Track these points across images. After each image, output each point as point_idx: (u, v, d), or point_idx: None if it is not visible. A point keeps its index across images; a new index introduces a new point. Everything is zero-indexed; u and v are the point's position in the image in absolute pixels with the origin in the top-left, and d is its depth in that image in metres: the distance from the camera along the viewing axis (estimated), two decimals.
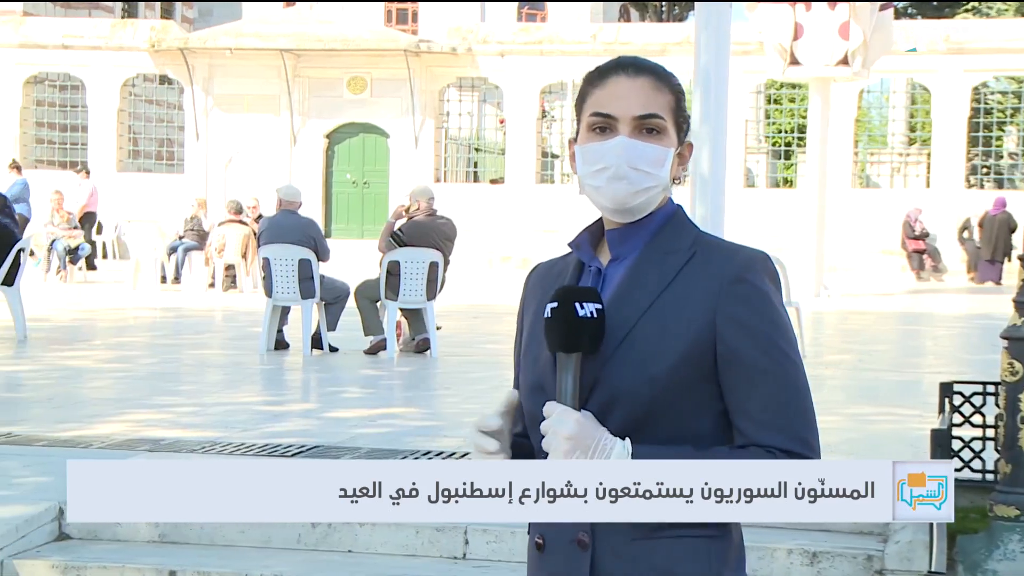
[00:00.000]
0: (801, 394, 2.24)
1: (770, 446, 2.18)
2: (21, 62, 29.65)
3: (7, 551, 5.88)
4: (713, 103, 11.79)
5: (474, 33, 28.88)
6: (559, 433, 2.16)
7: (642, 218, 2.32)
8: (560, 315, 2.20)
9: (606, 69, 2.34)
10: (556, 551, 2.27)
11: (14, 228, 13.24)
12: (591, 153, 2.31)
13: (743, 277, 2.24)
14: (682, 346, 2.21)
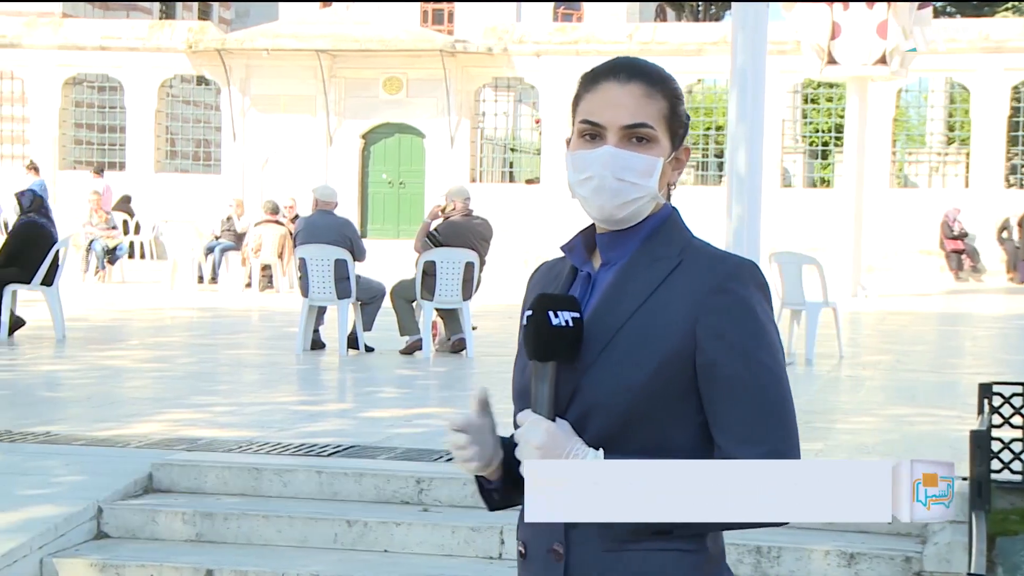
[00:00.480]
0: (781, 408, 2.18)
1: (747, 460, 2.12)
2: (60, 63, 29.85)
3: (46, 549, 5.92)
4: (750, 103, 11.74)
5: (510, 33, 28.88)
6: (529, 442, 2.14)
7: (635, 224, 2.28)
8: (534, 323, 2.17)
9: (599, 73, 2.29)
10: (536, 559, 2.25)
11: (52, 229, 13.33)
12: (579, 161, 2.27)
13: (725, 287, 2.18)
14: (660, 356, 2.16)
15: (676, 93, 2.30)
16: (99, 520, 6.34)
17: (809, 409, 9.42)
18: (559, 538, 2.21)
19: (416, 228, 15.57)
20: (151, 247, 26.52)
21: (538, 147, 30.10)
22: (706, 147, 29.80)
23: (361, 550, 6.18)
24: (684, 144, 2.33)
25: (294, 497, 6.63)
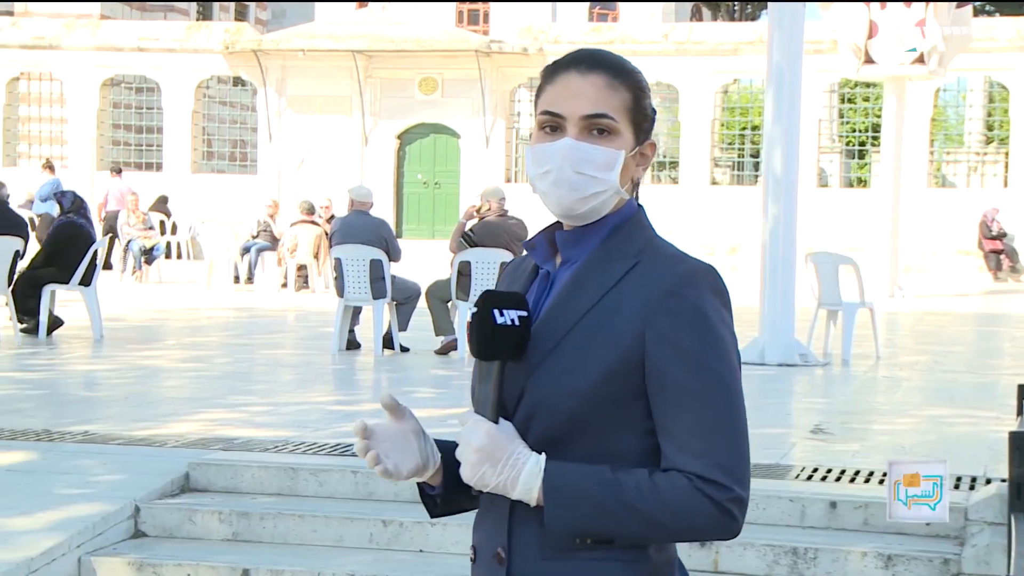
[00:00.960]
0: (729, 419, 2.09)
1: (689, 472, 2.06)
2: (98, 65, 30.03)
3: (84, 548, 5.95)
4: (786, 102, 11.70)
5: (545, 33, 28.87)
6: (468, 444, 2.10)
7: (595, 221, 2.21)
8: (479, 321, 2.10)
9: (560, 64, 2.21)
10: (483, 563, 2.21)
11: (90, 229, 13.41)
12: (538, 154, 2.20)
13: (678, 291, 2.10)
14: (608, 360, 2.09)
15: (640, 85, 2.22)
16: (136, 519, 6.37)
17: (846, 410, 9.37)
18: (502, 542, 2.16)
19: (451, 228, 15.58)
20: (188, 247, 26.64)
21: None
22: (742, 147, 29.70)
23: (396, 550, 6.19)
24: (649, 139, 2.25)
25: (330, 497, 6.64)
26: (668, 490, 2.06)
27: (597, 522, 2.07)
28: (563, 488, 2.07)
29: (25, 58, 30.20)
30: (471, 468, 2.09)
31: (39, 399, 9.32)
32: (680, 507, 2.06)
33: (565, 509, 2.07)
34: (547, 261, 2.25)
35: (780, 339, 11.62)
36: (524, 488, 2.08)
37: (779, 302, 11.68)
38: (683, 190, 27.99)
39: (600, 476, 2.07)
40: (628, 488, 2.06)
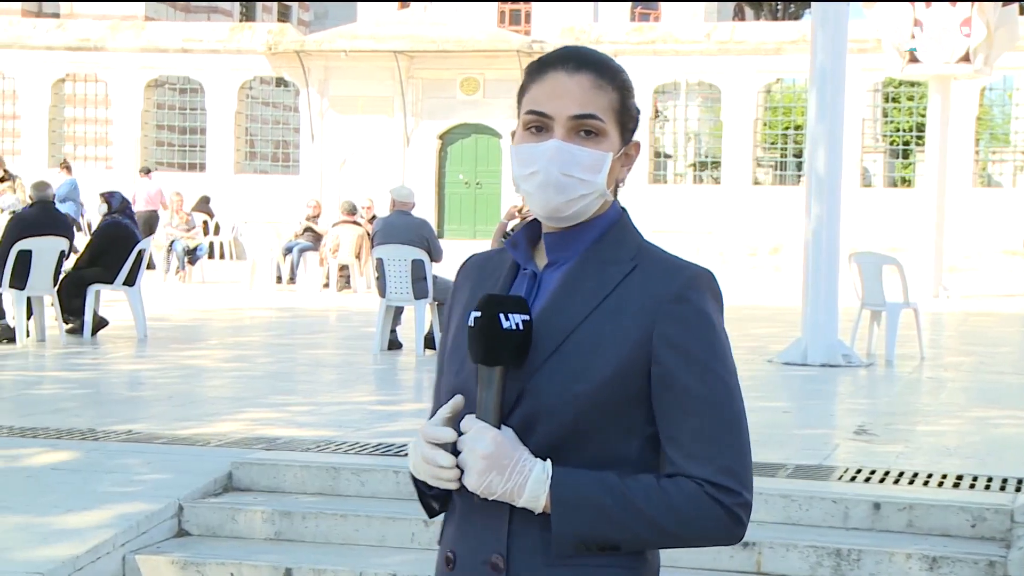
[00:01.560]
0: (735, 424, 2.10)
1: (699, 478, 2.06)
2: (143, 66, 30.23)
3: (128, 547, 5.99)
4: (829, 102, 11.64)
5: (587, 33, 28.84)
6: (475, 451, 2.05)
7: (582, 222, 2.17)
8: (483, 325, 2.05)
9: (546, 62, 2.17)
10: (467, 569, 2.15)
11: (135, 229, 13.50)
12: (524, 155, 2.15)
13: (685, 296, 2.09)
14: (613, 364, 2.07)
15: (627, 85, 2.18)
16: (180, 518, 6.40)
17: (890, 411, 9.31)
18: (499, 549, 2.11)
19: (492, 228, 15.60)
20: (230, 247, 26.78)
21: None
22: (785, 147, 29.57)
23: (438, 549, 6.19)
24: (634, 139, 2.22)
25: (372, 496, 6.65)
26: (678, 496, 2.05)
27: (605, 529, 2.06)
28: (571, 495, 2.05)
29: (71, 60, 30.45)
30: (478, 476, 2.05)
31: (84, 398, 9.39)
32: (690, 513, 2.06)
33: (573, 516, 2.05)
34: (528, 261, 2.21)
35: (823, 340, 11.56)
36: (531, 496, 2.05)
37: (822, 302, 11.62)
38: (725, 190, 27.90)
39: (608, 483, 2.05)
40: (637, 494, 2.05)
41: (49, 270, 12.41)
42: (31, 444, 7.50)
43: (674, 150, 31.07)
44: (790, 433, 8.18)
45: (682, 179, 30.73)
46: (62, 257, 12.60)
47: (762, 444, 7.66)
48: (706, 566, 5.95)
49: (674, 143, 31.02)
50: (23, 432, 7.81)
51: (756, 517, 6.21)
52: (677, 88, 29.11)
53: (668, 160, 30.78)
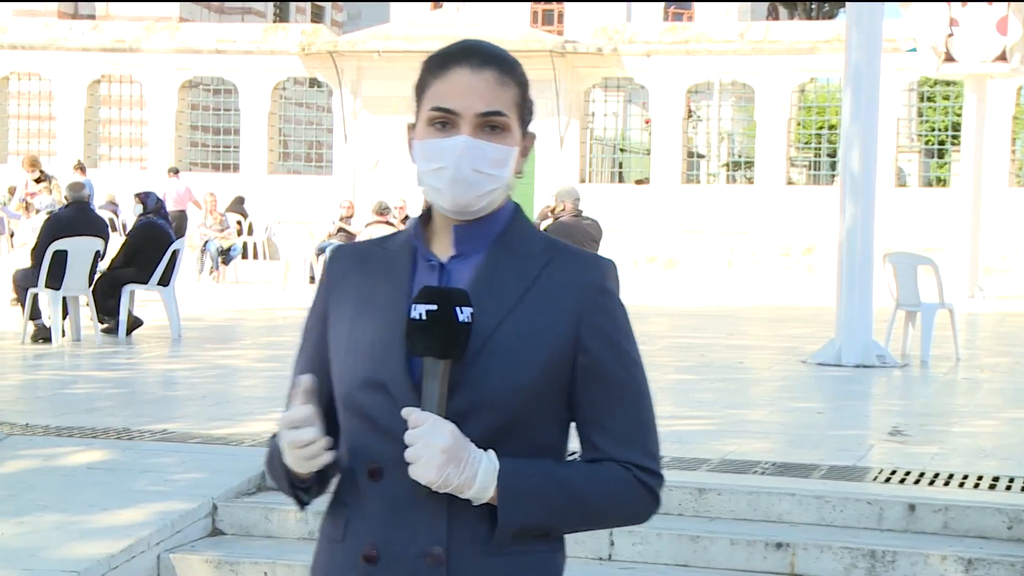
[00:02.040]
0: (650, 409, 2.21)
1: (627, 462, 2.15)
2: (177, 67, 30.36)
3: (163, 546, 6.01)
4: (864, 101, 11.60)
5: (620, 33, 28.80)
6: (434, 445, 2.04)
7: (488, 215, 2.20)
8: (439, 319, 2.05)
9: (449, 57, 2.19)
10: (397, 564, 2.12)
11: (169, 229, 13.57)
12: (431, 150, 2.17)
13: (605, 288, 2.17)
14: (546, 355, 2.12)
15: (525, 80, 2.23)
16: (214, 517, 6.42)
17: (925, 412, 9.27)
18: (439, 541, 2.11)
19: None
20: (264, 248, 26.86)
21: (648, 147, 29.98)
22: (819, 146, 29.46)
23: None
24: (529, 131, 2.26)
25: None
26: (611, 481, 2.14)
27: (547, 517, 2.12)
28: (518, 486, 2.09)
29: (106, 61, 30.61)
30: (438, 469, 2.04)
31: (119, 398, 9.44)
32: (622, 496, 2.15)
33: (519, 506, 2.09)
34: (429, 253, 2.22)
35: (858, 340, 11.51)
36: (481, 487, 2.07)
37: (856, 303, 11.57)
38: (759, 190, 27.81)
39: (549, 471, 2.12)
40: (575, 481, 2.12)
41: (84, 270, 12.48)
42: (67, 443, 7.55)
43: (707, 150, 30.99)
44: (824, 434, 8.15)
45: (715, 179, 30.64)
46: (97, 257, 12.67)
47: (796, 445, 7.64)
48: (740, 567, 5.93)
49: (707, 143, 30.94)
50: (59, 431, 7.86)
51: (790, 518, 6.21)
52: (710, 88, 29.03)
53: (701, 160, 30.71)
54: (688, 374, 11.06)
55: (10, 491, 6.59)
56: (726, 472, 6.79)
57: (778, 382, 10.79)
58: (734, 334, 14.85)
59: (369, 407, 2.14)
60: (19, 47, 30.80)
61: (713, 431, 8.12)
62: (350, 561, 2.17)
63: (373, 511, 2.15)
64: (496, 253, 2.19)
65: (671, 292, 21.38)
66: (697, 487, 6.43)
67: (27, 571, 5.44)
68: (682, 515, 6.37)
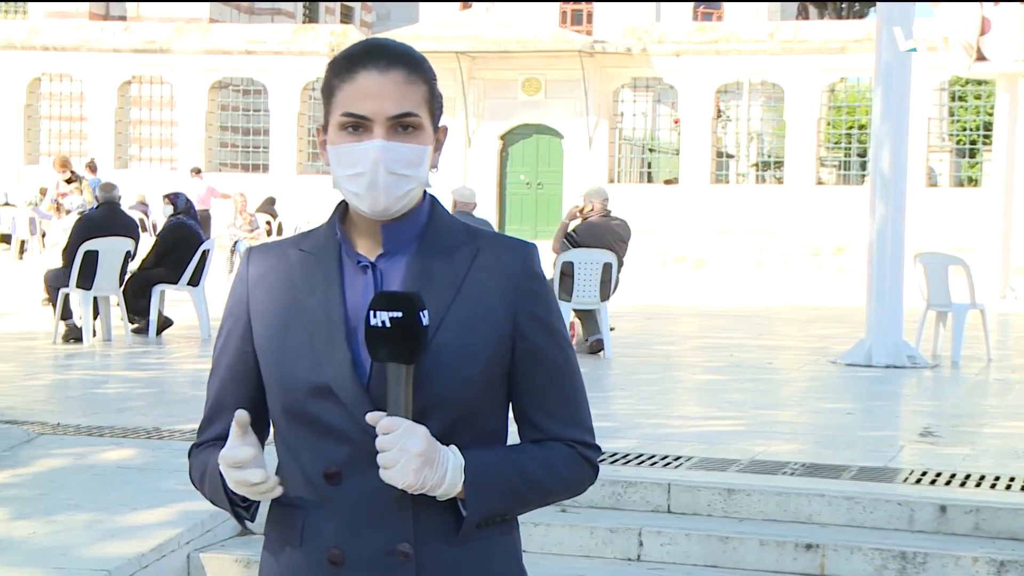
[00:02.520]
0: (583, 385, 2.27)
1: (570, 439, 2.21)
2: (207, 68, 30.49)
3: (193, 545, 6.03)
4: (895, 101, 11.55)
5: (649, 33, 28.77)
6: (410, 449, 2.03)
7: (408, 211, 2.20)
8: (405, 325, 2.03)
9: (354, 59, 2.15)
10: (363, 564, 2.12)
11: (199, 230, 13.62)
12: (345, 156, 2.15)
13: (535, 273, 2.22)
14: (491, 344, 2.15)
15: (432, 74, 2.22)
16: None
17: (956, 413, 9.22)
18: (406, 538, 2.12)
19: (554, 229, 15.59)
20: None
21: (677, 147, 29.93)
22: (848, 146, 29.35)
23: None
24: (440, 124, 2.27)
25: None
26: (559, 461, 2.20)
27: (509, 503, 2.17)
28: (483, 477, 2.12)
29: (136, 62, 30.77)
30: (415, 473, 2.03)
31: (149, 398, 9.48)
32: (570, 474, 2.22)
33: (485, 496, 2.12)
34: (352, 252, 2.20)
35: (888, 341, 11.46)
36: (450, 484, 2.09)
37: (887, 303, 11.53)
38: (788, 190, 27.73)
39: (507, 459, 2.16)
40: (532, 465, 2.17)
41: (115, 270, 12.54)
42: (97, 443, 7.58)
43: (736, 150, 30.92)
44: (854, 435, 8.11)
45: (744, 179, 30.57)
46: (128, 257, 12.73)
47: (825, 445, 7.61)
48: (770, 568, 5.92)
49: (736, 143, 30.87)
50: (90, 431, 7.90)
51: (819, 519, 6.19)
52: (740, 88, 28.97)
53: (730, 160, 30.64)
54: (717, 374, 11.04)
55: (41, 490, 6.63)
56: (755, 473, 6.77)
57: (807, 383, 10.76)
58: (763, 334, 14.81)
59: (319, 413, 2.13)
60: (51, 48, 30.98)
61: (742, 432, 8.10)
62: (311, 563, 2.16)
63: (333, 514, 2.15)
64: (424, 250, 2.19)
65: (700, 292, 21.33)
66: (726, 488, 6.42)
67: (58, 570, 5.47)
68: (711, 516, 6.36)
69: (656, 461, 7.05)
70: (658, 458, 7.11)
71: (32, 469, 7.02)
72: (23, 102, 31.30)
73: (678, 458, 7.11)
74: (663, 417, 8.61)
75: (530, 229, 29.25)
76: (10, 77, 31.19)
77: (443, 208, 2.27)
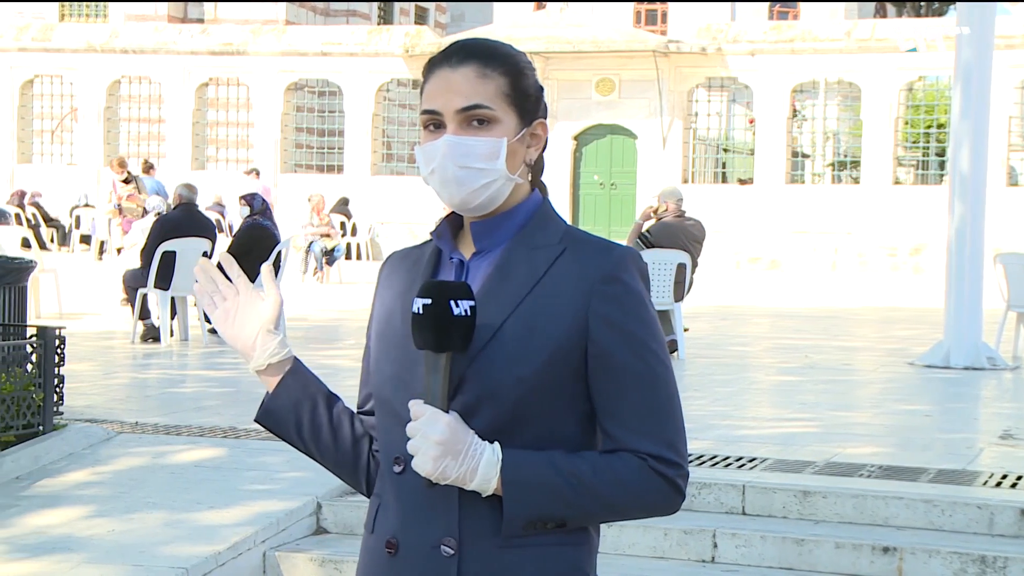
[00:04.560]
0: (671, 398, 2.18)
1: (641, 452, 2.13)
2: (283, 69, 30.72)
3: (268, 544, 6.08)
4: (974, 99, 11.40)
5: (724, 33, 28.61)
6: (430, 437, 2.05)
7: (505, 210, 2.21)
8: (434, 312, 2.06)
9: (434, 61, 2.22)
10: (413, 557, 2.15)
11: (275, 230, 13.72)
12: (423, 154, 2.21)
13: (617, 276, 2.14)
14: (552, 346, 2.11)
15: (517, 68, 2.22)
16: (318, 516, 6.48)
17: None
18: (451, 533, 2.12)
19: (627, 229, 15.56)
20: (367, 248, 27.06)
21: (752, 147, 29.75)
22: (926, 146, 29.01)
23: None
24: (539, 118, 2.26)
25: None
26: (623, 470, 2.12)
27: (555, 507, 2.10)
28: (521, 477, 2.08)
29: (213, 64, 31.07)
30: (433, 462, 2.05)
31: (225, 397, 9.57)
32: (636, 486, 2.12)
33: (525, 497, 2.08)
34: (454, 251, 2.25)
35: (967, 342, 11.32)
36: (483, 479, 2.07)
37: (966, 304, 11.38)
38: (864, 190, 27.46)
39: (555, 461, 2.10)
40: (584, 471, 2.10)
41: (192, 271, 12.66)
42: (175, 441, 7.67)
43: (812, 150, 30.67)
44: (932, 437, 8.02)
45: (820, 179, 30.31)
46: (205, 258, 12.85)
47: (903, 447, 7.53)
48: (846, 571, 5.86)
49: (812, 142, 30.62)
50: (167, 430, 7.99)
51: (897, 522, 6.12)
52: (815, 87, 28.72)
53: (806, 160, 30.39)
54: (792, 375, 10.96)
55: (120, 488, 6.71)
56: (831, 475, 6.71)
57: (884, 384, 10.65)
58: (839, 336, 14.68)
59: (395, 401, 2.18)
60: (130, 51, 31.38)
61: (818, 433, 8.03)
62: (376, 550, 2.22)
63: (396, 502, 2.19)
64: (513, 247, 2.19)
65: (774, 293, 21.18)
66: (802, 490, 6.36)
67: (137, 567, 5.53)
68: (786, 518, 6.31)
69: (731, 462, 7.01)
70: (732, 459, 7.07)
71: (111, 467, 7.11)
72: (103, 104, 31.73)
73: (753, 460, 7.06)
74: (737, 418, 8.56)
75: (603, 230, 29.19)
76: (91, 80, 31.63)
77: (552, 209, 2.25)
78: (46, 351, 7.36)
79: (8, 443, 7.15)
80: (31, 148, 32.81)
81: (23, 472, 6.96)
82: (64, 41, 31.80)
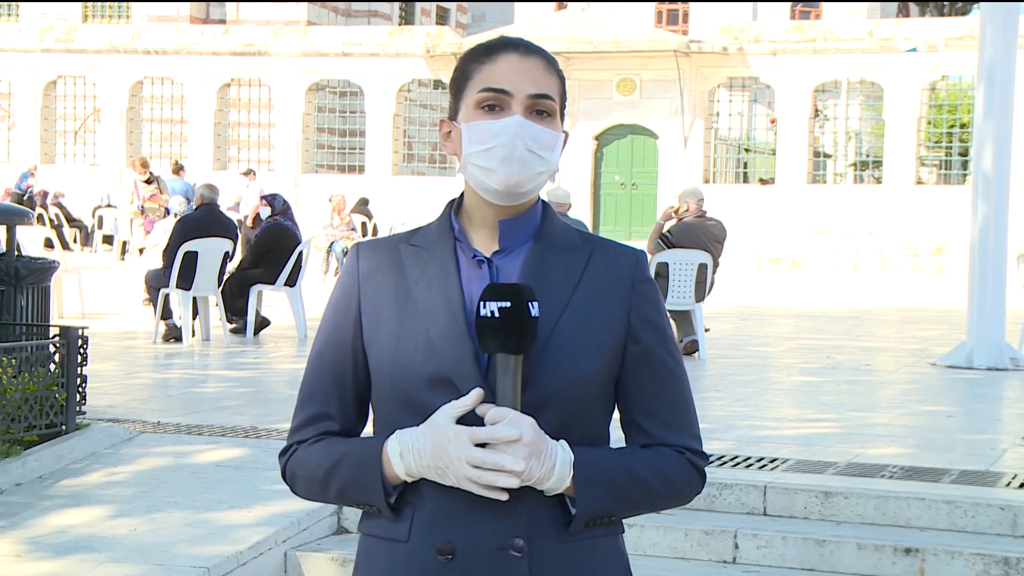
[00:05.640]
0: (691, 391, 2.28)
1: (678, 445, 2.21)
2: (304, 70, 30.79)
3: (290, 543, 6.09)
4: (998, 98, 11.36)
5: (745, 32, 28.56)
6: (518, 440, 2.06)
7: (529, 208, 2.22)
8: (514, 316, 2.05)
9: (495, 47, 2.20)
10: (477, 560, 2.12)
11: (296, 231, 13.75)
12: (482, 131, 2.16)
13: (647, 278, 2.24)
14: (606, 345, 2.17)
15: (562, 74, 2.26)
16: (339, 515, 6.49)
17: None
18: (520, 533, 2.12)
19: (648, 229, 15.54)
20: None
21: (773, 147, 29.69)
22: (949, 145, 28.90)
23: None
24: (564, 129, 2.28)
25: None
26: (667, 465, 2.19)
27: (617, 503, 2.16)
28: (592, 474, 2.12)
29: (235, 65, 31.16)
30: (524, 463, 2.06)
31: (247, 397, 9.58)
32: (678, 480, 2.21)
33: (594, 495, 2.13)
34: (471, 248, 2.21)
35: (990, 342, 11.27)
36: (559, 478, 2.10)
37: (989, 304, 11.33)
38: (887, 190, 27.38)
39: (617, 459, 2.16)
40: (639, 467, 2.17)
41: (214, 271, 12.71)
42: (196, 441, 7.68)
43: (834, 149, 30.59)
44: (954, 438, 7.98)
45: (842, 179, 30.24)
46: (226, 258, 12.89)
47: (925, 448, 7.50)
48: (868, 572, 5.84)
49: (834, 142, 30.55)
50: (188, 429, 8.01)
51: (919, 523, 6.10)
52: (837, 86, 28.65)
53: (827, 160, 30.32)
54: (814, 376, 10.93)
55: (142, 488, 6.73)
56: (853, 476, 6.68)
57: (906, 385, 10.61)
58: (861, 336, 14.63)
59: (436, 404, 2.11)
60: (152, 52, 31.49)
61: (839, 434, 8.00)
62: (418, 560, 2.14)
63: (446, 506, 2.13)
64: (540, 247, 2.20)
65: (796, 293, 21.13)
66: (823, 490, 6.35)
67: (158, 566, 5.55)
68: (808, 519, 6.29)
69: (752, 463, 6.99)
70: (754, 460, 7.06)
71: (133, 467, 7.13)
72: (125, 105, 31.85)
73: (774, 460, 7.05)
74: (759, 419, 8.54)
75: (624, 230, 29.17)
76: (113, 80, 31.75)
77: (554, 212, 2.29)
78: (69, 351, 7.38)
79: (31, 443, 7.18)
80: (54, 149, 32.97)
81: (46, 472, 6.99)
82: (87, 42, 31.94)
